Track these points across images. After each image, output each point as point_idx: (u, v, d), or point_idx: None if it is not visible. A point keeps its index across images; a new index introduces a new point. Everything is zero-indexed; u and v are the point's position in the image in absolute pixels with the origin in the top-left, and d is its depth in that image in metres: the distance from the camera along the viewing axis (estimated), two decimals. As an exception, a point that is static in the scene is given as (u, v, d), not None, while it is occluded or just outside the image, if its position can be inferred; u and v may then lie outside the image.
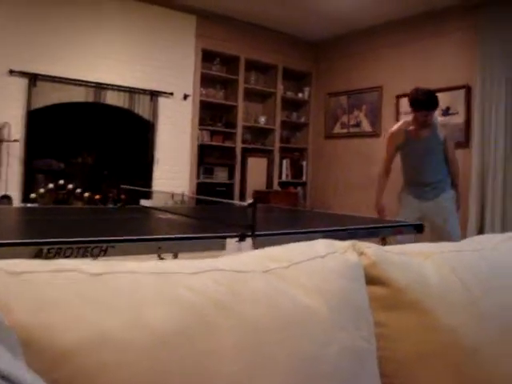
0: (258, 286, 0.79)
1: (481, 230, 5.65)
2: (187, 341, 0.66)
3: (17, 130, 5.22)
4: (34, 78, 5.26)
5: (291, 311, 0.78)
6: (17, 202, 5.22)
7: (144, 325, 0.65)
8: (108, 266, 0.72)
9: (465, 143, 5.92)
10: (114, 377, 0.60)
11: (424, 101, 3.84)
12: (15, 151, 5.23)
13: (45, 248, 1.93)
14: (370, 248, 1.04)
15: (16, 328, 0.58)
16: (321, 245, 0.99)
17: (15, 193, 5.24)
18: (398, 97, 6.67)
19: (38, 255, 1.92)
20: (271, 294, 0.79)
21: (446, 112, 6.12)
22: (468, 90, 5.89)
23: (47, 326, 0.60)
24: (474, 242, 1.34)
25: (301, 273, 0.87)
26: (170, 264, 0.78)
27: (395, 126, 4.30)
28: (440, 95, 6.14)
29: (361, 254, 1.02)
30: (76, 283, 0.66)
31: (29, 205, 5.06)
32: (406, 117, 6.54)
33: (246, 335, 0.72)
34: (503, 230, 5.42)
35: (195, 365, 0.65)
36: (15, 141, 5.19)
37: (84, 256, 2.02)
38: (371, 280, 1.00)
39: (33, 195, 5.24)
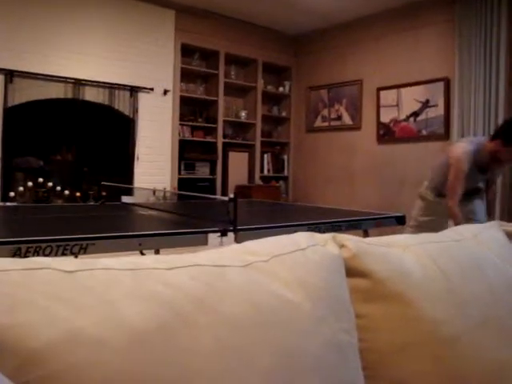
0: (238, 281, 0.78)
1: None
2: (164, 338, 0.65)
3: (-6, 127, 5.13)
4: (10, 75, 5.17)
5: (271, 305, 0.77)
6: (-5, 200, 5.14)
7: (119, 322, 0.63)
8: (82, 264, 0.70)
9: (445, 136, 5.97)
10: (88, 377, 0.58)
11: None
12: (-8, 149, 5.14)
13: (23, 247, 1.91)
14: (351, 240, 1.03)
15: (-14, 329, 0.56)
16: (301, 237, 0.99)
17: (-7, 191, 5.15)
18: (379, 90, 6.70)
19: (16, 254, 1.89)
20: (251, 289, 0.78)
21: (426, 105, 6.17)
22: (447, 82, 5.94)
23: (19, 326, 0.58)
24: (454, 233, 1.34)
25: (281, 266, 0.86)
26: (146, 260, 0.76)
27: (467, 147, 3.53)
28: (419, 88, 6.21)
29: (341, 246, 1.02)
30: (49, 281, 0.65)
31: (8, 203, 4.98)
32: (387, 110, 6.60)
33: (225, 331, 0.70)
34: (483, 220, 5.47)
35: (173, 363, 0.64)
36: (-8, 139, 5.10)
37: (64, 254, 2.00)
38: (352, 272, 1.00)
39: (12, 194, 5.16)
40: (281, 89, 7.92)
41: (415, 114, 6.30)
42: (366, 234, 3.19)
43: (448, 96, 5.95)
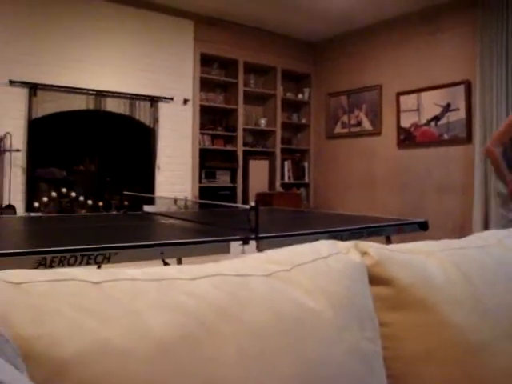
0: (261, 290, 0.78)
1: (485, 227, 5.63)
2: (189, 348, 0.65)
3: (18, 139, 5.23)
4: (34, 88, 5.27)
5: (294, 314, 0.78)
6: (20, 211, 5.23)
7: (144, 333, 0.64)
8: (107, 274, 0.71)
9: (467, 139, 5.91)
10: (115, 386, 0.59)
11: None
12: (17, 161, 5.24)
13: (48, 257, 1.93)
14: (373, 247, 1.03)
15: (16, 339, 0.58)
16: (323, 246, 0.99)
17: (19, 202, 5.24)
18: (398, 94, 6.66)
19: (41, 264, 1.91)
20: (274, 298, 0.78)
21: (447, 109, 6.11)
22: (468, 85, 5.88)
23: (47, 336, 0.59)
24: (478, 239, 1.33)
25: (303, 275, 0.86)
26: (170, 270, 0.77)
27: None
28: (440, 92, 6.16)
29: (364, 253, 1.02)
30: (76, 292, 0.66)
31: (32, 214, 5.06)
32: (407, 115, 6.55)
33: (248, 341, 0.71)
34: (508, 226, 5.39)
35: (197, 373, 0.64)
36: (17, 150, 5.20)
37: (88, 264, 2.02)
38: (375, 280, 0.99)
39: (36, 204, 5.24)
40: (300, 96, 7.93)
41: (436, 118, 6.25)
42: (388, 241, 3.17)
43: (469, 99, 5.89)
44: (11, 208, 5.14)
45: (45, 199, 5.30)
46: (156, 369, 0.62)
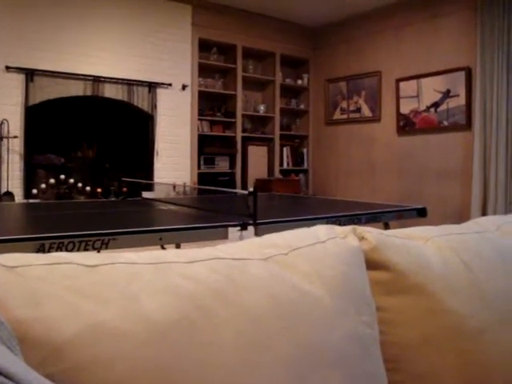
0: (258, 274, 0.78)
1: (484, 213, 5.64)
2: (185, 331, 0.65)
3: (15, 126, 5.21)
4: (30, 74, 5.24)
5: (291, 298, 0.77)
6: (19, 198, 5.22)
7: (140, 316, 0.64)
8: (104, 258, 0.71)
9: (466, 126, 5.89)
10: (110, 369, 0.59)
11: None
12: (15, 147, 5.22)
13: (47, 243, 1.93)
14: (371, 232, 1.03)
15: (11, 322, 0.57)
16: (321, 230, 0.98)
17: (17, 189, 5.23)
18: (398, 81, 6.63)
19: (40, 250, 1.92)
20: (271, 282, 0.78)
21: (447, 95, 6.09)
22: (468, 71, 5.85)
23: (43, 319, 0.59)
24: (477, 224, 1.32)
25: (301, 259, 0.86)
26: (167, 253, 0.77)
27: None
28: (440, 78, 6.13)
29: (361, 238, 1.01)
30: (71, 275, 0.65)
31: (31, 201, 5.06)
32: (407, 101, 6.53)
33: (245, 324, 0.71)
34: (506, 212, 5.41)
35: (194, 356, 0.64)
36: (15, 137, 5.18)
37: (86, 249, 2.02)
38: (372, 265, 0.99)
39: (34, 191, 5.24)
40: (299, 82, 7.89)
41: (436, 105, 6.23)
42: (386, 227, 3.17)
43: (470, 86, 5.86)
44: (10, 195, 5.14)
45: (43, 186, 5.30)
46: (152, 352, 0.62)
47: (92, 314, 0.61)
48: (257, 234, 2.39)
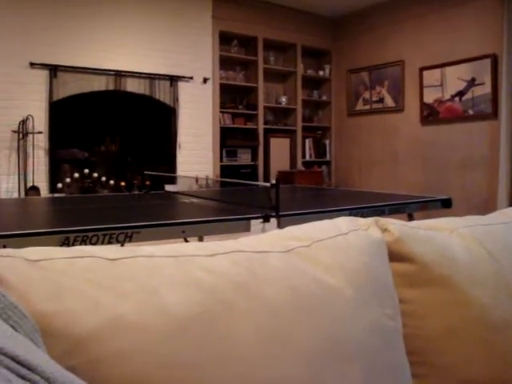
0: (279, 266, 0.77)
1: (511, 204, 5.53)
2: (206, 324, 0.65)
3: (40, 121, 5.28)
4: (54, 70, 5.30)
5: (313, 291, 0.77)
6: (45, 192, 5.30)
7: (160, 309, 0.64)
8: (125, 251, 0.71)
9: (492, 115, 5.77)
10: (131, 362, 0.59)
11: None
12: (40, 143, 5.29)
13: (71, 236, 1.96)
14: (394, 224, 1.01)
15: (34, 315, 0.58)
16: (343, 222, 0.97)
17: (43, 183, 5.31)
18: (421, 70, 6.53)
19: (64, 243, 1.94)
20: (292, 274, 0.77)
21: (472, 83, 5.97)
22: (494, 59, 5.72)
23: (65, 312, 0.60)
24: (503, 215, 1.30)
25: (323, 251, 0.85)
26: (188, 246, 0.76)
27: None
28: (464, 66, 6.02)
29: (384, 230, 1.00)
30: (93, 269, 0.66)
31: (56, 195, 5.13)
32: (431, 91, 6.43)
33: (266, 317, 0.70)
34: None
35: (214, 349, 0.64)
36: (39, 132, 5.25)
37: (110, 243, 2.04)
38: (395, 256, 0.98)
39: (59, 185, 5.31)
40: (321, 73, 7.83)
41: (460, 94, 6.12)
42: (410, 218, 3.14)
43: (495, 73, 5.74)
44: (35, 189, 5.22)
45: (68, 180, 5.36)
46: (172, 345, 0.62)
47: (112, 307, 0.62)
48: (279, 226, 2.39)
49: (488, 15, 5.79)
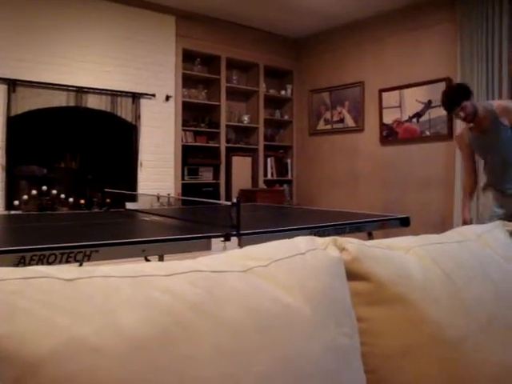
0: (237, 287, 0.77)
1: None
2: (164, 346, 0.65)
3: (-3, 136, 5.15)
4: (13, 84, 5.20)
5: (271, 311, 0.77)
6: (1, 209, 5.16)
7: (118, 330, 0.63)
8: (81, 272, 0.70)
9: (448, 136, 5.95)
10: (86, 385, 0.58)
11: (444, 102, 3.51)
12: (-3, 158, 5.16)
13: (27, 255, 1.91)
14: (351, 243, 1.03)
15: (-15, 339, 0.56)
16: (301, 241, 0.98)
17: (-2, 200, 5.17)
18: (381, 91, 6.69)
19: (21, 263, 1.89)
20: (250, 294, 0.77)
21: (428, 105, 6.16)
22: (449, 82, 5.92)
23: (18, 335, 0.58)
24: (457, 234, 1.33)
25: (281, 270, 0.86)
26: (145, 266, 0.76)
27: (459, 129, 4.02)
28: (421, 88, 6.20)
29: (342, 249, 1.02)
30: (48, 290, 0.65)
31: (12, 212, 5.00)
32: (390, 111, 6.59)
33: (225, 338, 0.70)
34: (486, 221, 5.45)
35: (172, 370, 0.64)
36: (-4, 148, 5.12)
37: (68, 262, 2.00)
38: (353, 275, 0.99)
39: (16, 202, 5.17)
40: (283, 92, 7.93)
41: (418, 115, 6.29)
42: (370, 237, 3.18)
43: (450, 96, 5.92)
44: (-9, 206, 5.07)
45: (25, 197, 5.24)
46: (130, 366, 0.61)
47: (69, 328, 0.61)
48: (240, 244, 2.39)
49: (444, 41, 6.00)
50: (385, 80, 6.67)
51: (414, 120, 6.33)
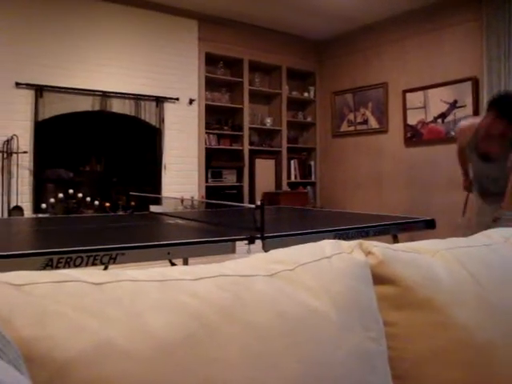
0: (263, 290, 0.78)
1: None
2: (191, 349, 0.65)
3: (25, 141, 5.25)
4: (40, 90, 5.29)
5: (297, 315, 0.77)
6: (28, 212, 5.25)
7: (146, 334, 0.64)
8: (110, 275, 0.71)
9: (474, 136, 5.86)
10: (116, 388, 0.59)
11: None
12: (25, 163, 5.26)
13: (55, 258, 1.94)
14: (378, 247, 1.02)
15: (17, 341, 0.58)
16: (327, 245, 0.98)
17: (26, 204, 5.26)
18: (404, 92, 6.63)
19: (48, 265, 1.92)
20: (277, 298, 0.77)
21: (454, 105, 6.08)
22: (475, 82, 5.84)
23: (48, 338, 0.59)
24: (485, 237, 1.32)
25: (307, 275, 0.86)
26: (172, 271, 0.77)
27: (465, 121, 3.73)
28: (446, 88, 6.13)
29: (368, 253, 1.01)
30: (77, 293, 0.66)
31: (40, 215, 5.08)
32: (414, 112, 6.52)
33: (251, 342, 0.70)
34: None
35: (199, 374, 0.64)
36: (24, 152, 5.22)
37: (94, 264, 2.02)
38: (379, 279, 0.99)
39: (43, 205, 5.26)
40: (305, 94, 7.91)
41: (443, 116, 6.22)
42: (395, 239, 3.16)
43: (477, 96, 5.85)
44: (19, 209, 5.17)
45: (52, 200, 5.32)
46: (158, 369, 0.62)
47: (98, 332, 0.62)
48: (264, 247, 2.39)
49: (469, 39, 5.92)
50: (408, 80, 6.61)
51: (439, 120, 6.25)
